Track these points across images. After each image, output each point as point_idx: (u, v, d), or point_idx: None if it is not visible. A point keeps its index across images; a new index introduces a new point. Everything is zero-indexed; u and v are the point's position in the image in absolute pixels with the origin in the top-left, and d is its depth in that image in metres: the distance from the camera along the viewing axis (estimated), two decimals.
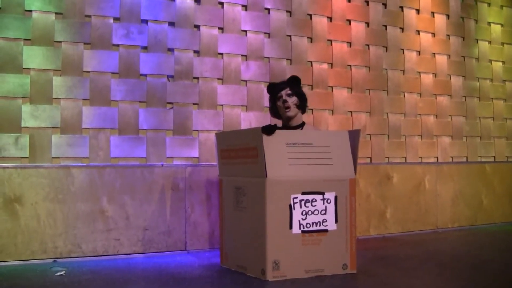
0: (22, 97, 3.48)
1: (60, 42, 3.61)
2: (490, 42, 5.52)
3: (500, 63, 5.57)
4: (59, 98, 3.58)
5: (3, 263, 3.24)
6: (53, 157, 3.53)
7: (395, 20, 4.94)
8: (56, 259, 3.37)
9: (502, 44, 5.60)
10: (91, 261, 3.40)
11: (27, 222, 3.33)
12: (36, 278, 2.91)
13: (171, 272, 3.09)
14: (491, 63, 5.51)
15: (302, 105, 3.49)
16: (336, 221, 2.96)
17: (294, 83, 3.46)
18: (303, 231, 2.87)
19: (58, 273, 2.97)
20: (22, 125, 3.47)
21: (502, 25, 5.61)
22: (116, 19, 3.78)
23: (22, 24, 3.51)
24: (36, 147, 3.49)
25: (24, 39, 3.51)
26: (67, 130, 3.58)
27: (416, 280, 2.84)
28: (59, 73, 3.60)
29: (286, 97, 3.41)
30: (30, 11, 3.55)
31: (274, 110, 3.57)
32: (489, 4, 5.54)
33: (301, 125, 3.49)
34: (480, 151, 5.37)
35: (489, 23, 5.53)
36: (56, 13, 3.61)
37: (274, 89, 3.49)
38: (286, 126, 3.51)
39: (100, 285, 2.75)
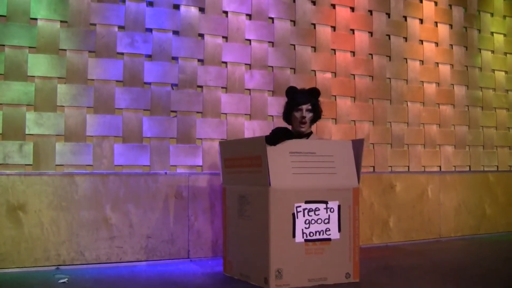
0: (27, 105, 3.50)
1: (65, 50, 3.63)
2: (493, 51, 5.53)
3: (503, 73, 5.57)
4: (64, 106, 3.60)
5: (6, 270, 3.24)
6: (57, 165, 3.54)
7: (399, 29, 4.95)
8: (59, 267, 3.38)
9: (505, 54, 5.61)
10: (94, 268, 3.40)
11: (31, 229, 3.34)
12: (39, 285, 2.92)
13: (174, 280, 3.09)
14: (494, 72, 5.52)
15: (315, 120, 3.46)
16: (339, 230, 2.96)
17: (315, 97, 3.42)
18: (306, 240, 2.87)
19: (61, 281, 2.98)
20: (26, 133, 3.48)
21: (505, 35, 5.62)
22: (121, 27, 3.81)
23: (27, 32, 3.53)
24: (40, 155, 3.50)
25: (29, 47, 3.53)
26: (71, 138, 3.59)
27: None
28: (63, 81, 3.61)
29: (306, 112, 3.35)
30: (36, 19, 3.57)
31: (288, 117, 3.47)
32: (492, 14, 5.55)
33: (308, 134, 3.45)
34: (483, 161, 5.36)
35: (492, 33, 5.54)
36: (61, 22, 3.63)
37: (295, 97, 3.40)
38: (296, 132, 3.44)
39: None
